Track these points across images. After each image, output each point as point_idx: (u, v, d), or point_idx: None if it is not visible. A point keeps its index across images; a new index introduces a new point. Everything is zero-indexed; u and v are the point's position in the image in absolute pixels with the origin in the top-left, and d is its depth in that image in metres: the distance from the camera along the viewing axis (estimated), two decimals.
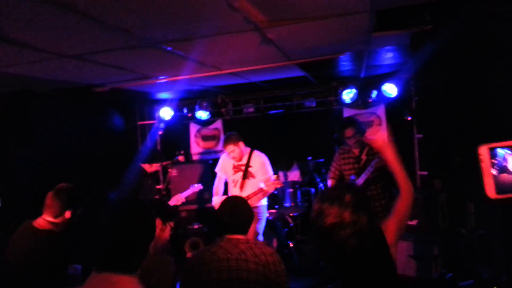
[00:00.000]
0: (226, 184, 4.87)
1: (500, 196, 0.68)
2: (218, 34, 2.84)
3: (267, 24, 2.69)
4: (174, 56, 3.40)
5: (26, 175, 4.44)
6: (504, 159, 0.71)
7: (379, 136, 2.12)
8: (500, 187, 0.69)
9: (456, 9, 2.62)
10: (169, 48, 3.13)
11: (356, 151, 4.29)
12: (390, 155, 2.19)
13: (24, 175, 4.42)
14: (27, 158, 4.50)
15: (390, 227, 2.12)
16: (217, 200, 4.67)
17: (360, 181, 4.12)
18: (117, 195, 4.88)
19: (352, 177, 4.27)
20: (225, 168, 4.77)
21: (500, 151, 0.70)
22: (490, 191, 0.68)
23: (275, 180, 4.18)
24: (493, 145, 0.71)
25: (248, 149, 4.65)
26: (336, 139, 6.22)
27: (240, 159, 4.57)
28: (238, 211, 2.39)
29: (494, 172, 0.70)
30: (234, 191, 4.63)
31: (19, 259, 2.63)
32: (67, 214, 2.77)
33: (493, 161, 0.70)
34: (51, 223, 2.71)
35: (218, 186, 4.83)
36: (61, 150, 4.90)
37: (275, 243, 5.62)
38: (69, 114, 5.08)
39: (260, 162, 4.55)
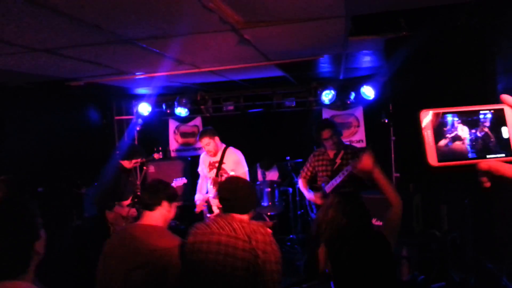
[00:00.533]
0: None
1: (442, 164, 0.68)
2: (194, 33, 2.80)
3: (244, 25, 2.66)
4: (150, 53, 3.35)
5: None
6: (453, 126, 0.70)
7: (364, 160, 2.17)
8: (443, 154, 0.68)
9: (430, 18, 2.66)
10: (144, 45, 3.08)
11: (331, 153, 4.30)
12: (378, 175, 2.46)
13: None
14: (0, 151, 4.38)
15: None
16: (198, 197, 4.68)
17: (329, 187, 4.14)
18: (94, 192, 4.80)
19: (323, 184, 4.30)
20: (202, 166, 4.76)
21: (449, 118, 0.70)
22: (432, 158, 0.68)
23: (232, 175, 4.19)
24: (436, 110, 0.70)
25: (223, 146, 4.62)
26: (315, 140, 6.27)
27: (215, 154, 4.53)
28: (237, 190, 2.46)
29: (445, 139, 0.69)
30: (210, 188, 4.62)
31: None
32: None
33: (444, 128, 0.69)
34: None
35: (200, 185, 4.82)
36: (34, 144, 4.78)
37: None
38: (42, 108, 4.95)
39: (233, 159, 4.52)
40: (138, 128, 7.03)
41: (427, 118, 0.72)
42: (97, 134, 6.45)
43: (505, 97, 0.73)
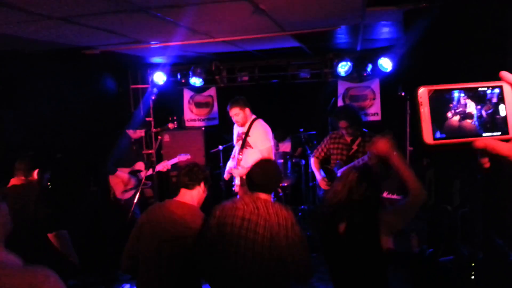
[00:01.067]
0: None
1: (437, 142, 0.68)
2: (208, 3, 2.77)
3: None
4: (165, 22, 3.33)
5: (13, 136, 4.43)
6: (451, 103, 0.70)
7: (380, 144, 2.13)
8: (440, 132, 0.68)
9: None
10: (158, 14, 3.06)
11: (348, 138, 4.30)
12: (397, 161, 2.31)
13: (10, 136, 4.41)
14: (13, 119, 4.47)
15: (388, 219, 2.26)
16: (229, 165, 4.74)
17: (341, 170, 4.16)
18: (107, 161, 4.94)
19: (338, 161, 4.31)
20: (234, 136, 4.73)
21: (447, 96, 0.69)
22: (428, 136, 0.67)
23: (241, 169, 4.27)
24: (432, 87, 0.69)
25: (253, 117, 4.53)
26: (329, 112, 6.23)
27: (243, 125, 4.46)
28: (268, 175, 2.63)
29: (442, 117, 0.69)
30: (235, 157, 4.60)
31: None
32: (35, 174, 3.11)
33: (441, 105, 0.68)
34: (23, 180, 3.02)
35: (234, 152, 4.78)
36: (49, 112, 4.87)
37: None
38: (57, 76, 4.99)
39: (259, 132, 4.42)
40: (153, 97, 7.06)
41: (424, 94, 0.71)
42: (113, 102, 6.52)
43: (504, 74, 0.71)
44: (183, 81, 6.71)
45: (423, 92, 0.71)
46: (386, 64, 5.54)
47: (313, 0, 2.79)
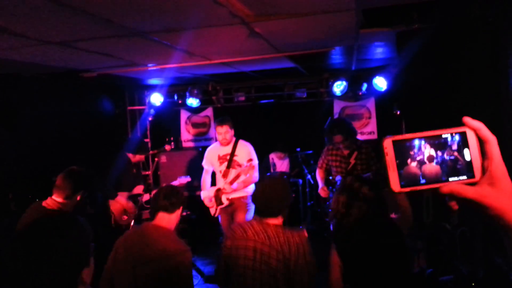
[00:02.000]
0: (214, 175, 4.86)
1: (404, 189, 0.70)
2: (204, 27, 2.82)
3: (254, 19, 2.67)
4: (162, 45, 3.37)
5: (12, 158, 4.42)
6: (417, 151, 0.72)
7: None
8: (405, 180, 0.71)
9: (443, 10, 2.62)
10: (155, 38, 3.10)
11: (345, 151, 4.32)
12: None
13: (9, 158, 4.40)
14: (13, 141, 4.47)
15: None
16: (204, 194, 4.61)
17: None
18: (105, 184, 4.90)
19: (338, 177, 4.32)
20: (211, 160, 4.71)
21: (412, 143, 0.72)
22: (395, 184, 0.70)
23: (247, 165, 4.23)
24: (396, 137, 0.72)
25: (234, 139, 4.61)
26: (325, 131, 6.26)
27: (227, 144, 4.52)
28: (270, 194, 2.43)
29: (408, 165, 0.71)
30: (220, 180, 4.61)
31: (31, 240, 2.66)
32: (78, 197, 2.77)
33: (407, 154, 0.71)
34: (60, 203, 2.69)
35: (204, 180, 4.77)
36: (47, 133, 4.87)
37: None
38: (55, 98, 5.03)
39: (246, 151, 4.51)
40: (150, 119, 7.10)
41: (388, 144, 0.73)
42: (110, 124, 6.54)
43: (467, 119, 0.73)
44: (180, 102, 6.74)
45: (387, 142, 0.73)
46: (380, 83, 5.60)
47: (307, 23, 2.84)
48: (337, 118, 6.00)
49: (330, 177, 4.61)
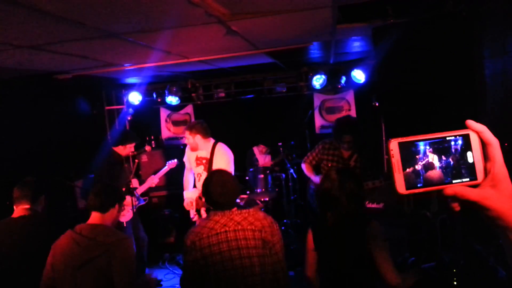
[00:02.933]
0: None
1: (409, 191, 0.72)
2: (180, 27, 2.78)
3: (230, 17, 2.64)
4: (138, 45, 3.31)
5: None
6: (420, 153, 0.74)
7: None
8: (410, 182, 0.73)
9: (417, 5, 2.65)
10: (130, 39, 3.04)
11: (345, 153, 4.29)
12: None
13: None
14: None
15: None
16: (187, 195, 4.47)
17: None
18: (92, 183, 4.78)
19: None
20: (189, 158, 4.55)
21: (417, 146, 0.74)
22: (400, 186, 0.72)
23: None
24: (401, 139, 0.73)
25: (212, 141, 4.35)
26: (306, 124, 6.30)
27: (195, 150, 4.35)
28: (226, 188, 2.47)
29: (412, 167, 0.73)
30: (198, 184, 4.43)
31: (8, 251, 2.70)
32: (42, 199, 2.96)
33: (411, 156, 0.73)
34: (29, 209, 2.81)
35: (187, 178, 4.62)
36: (23, 138, 4.74)
37: None
38: (30, 102, 4.88)
39: (223, 158, 4.24)
40: (129, 118, 6.99)
41: (394, 146, 0.73)
42: (88, 125, 6.40)
43: (470, 122, 0.75)
44: (159, 100, 6.66)
45: (393, 144, 0.74)
46: (359, 75, 5.65)
47: (284, 21, 2.83)
48: (348, 116, 5.91)
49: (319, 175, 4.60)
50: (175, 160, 5.24)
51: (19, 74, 4.27)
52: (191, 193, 4.51)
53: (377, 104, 6.09)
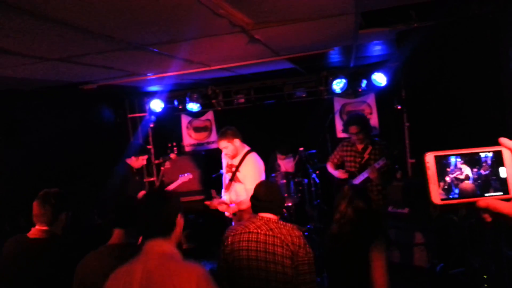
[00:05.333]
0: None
1: (444, 202, 0.76)
2: (204, 37, 2.82)
3: (253, 26, 2.66)
4: (161, 56, 3.37)
5: (16, 175, 4.42)
6: (455, 167, 0.77)
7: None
8: (446, 193, 0.77)
9: (442, 8, 2.62)
10: (155, 50, 3.10)
11: (359, 146, 4.37)
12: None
13: (14, 175, 4.40)
14: (16, 158, 4.47)
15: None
16: (224, 198, 4.38)
17: (357, 180, 4.22)
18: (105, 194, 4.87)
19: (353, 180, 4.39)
20: (223, 164, 4.52)
21: (451, 159, 0.77)
22: (436, 197, 0.75)
23: (234, 206, 4.13)
24: (438, 153, 0.77)
25: (246, 149, 4.22)
26: (327, 128, 6.27)
27: (234, 157, 4.19)
28: (273, 192, 2.65)
29: (447, 179, 0.77)
30: (222, 192, 4.43)
31: (15, 274, 2.48)
32: (62, 218, 2.67)
33: (447, 169, 0.77)
34: (46, 231, 2.58)
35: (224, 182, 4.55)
36: (50, 147, 4.87)
37: None
38: (56, 111, 5.03)
39: (250, 169, 4.08)
40: (151, 125, 7.10)
41: (430, 159, 0.78)
42: (112, 132, 6.54)
43: (503, 140, 0.79)
44: (180, 107, 6.75)
45: (430, 157, 0.78)
46: (380, 78, 5.60)
47: (307, 28, 2.84)
48: (356, 113, 5.99)
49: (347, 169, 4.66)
50: (189, 174, 5.30)
51: (46, 85, 4.40)
52: (223, 197, 4.48)
53: (399, 107, 6.03)
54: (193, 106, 6.48)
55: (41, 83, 4.19)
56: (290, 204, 5.92)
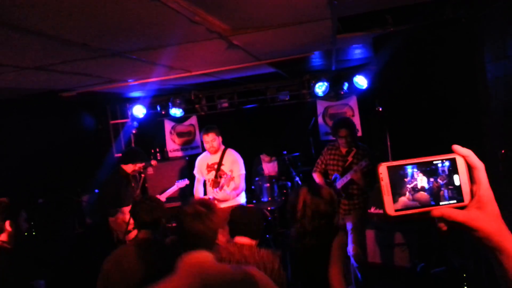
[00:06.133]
0: (205, 185, 4.85)
1: (398, 213, 0.75)
2: (182, 43, 2.81)
3: (231, 33, 2.67)
4: (141, 62, 3.35)
5: None
6: (409, 177, 0.77)
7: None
8: (399, 204, 0.76)
9: (417, 13, 2.67)
10: (133, 57, 3.08)
11: (343, 150, 4.39)
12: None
13: None
14: None
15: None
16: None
17: (340, 183, 4.22)
18: (95, 199, 4.79)
19: (335, 174, 4.37)
20: (201, 168, 4.74)
21: (405, 169, 0.76)
22: (389, 208, 0.74)
23: (227, 177, 4.35)
24: (390, 163, 0.76)
25: (223, 147, 4.65)
26: (310, 131, 6.30)
27: (216, 152, 4.57)
28: (249, 215, 2.59)
29: (401, 190, 0.76)
30: (209, 190, 4.63)
31: None
32: (7, 227, 2.51)
33: (400, 179, 0.76)
34: None
35: (197, 189, 4.81)
36: (30, 156, 4.78)
37: None
38: (35, 119, 4.94)
39: (232, 159, 4.56)
40: (134, 131, 7.03)
41: (383, 170, 0.76)
42: (93, 139, 6.46)
43: (456, 147, 0.78)
44: (163, 112, 6.71)
45: (382, 168, 0.76)
46: (361, 81, 5.66)
47: (285, 33, 2.85)
48: (344, 117, 6.04)
49: (328, 180, 4.64)
50: (186, 179, 5.26)
51: (24, 93, 4.32)
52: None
53: (380, 109, 6.10)
54: (176, 112, 6.45)
55: (19, 91, 4.12)
56: (274, 207, 5.93)
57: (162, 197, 4.96)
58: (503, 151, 2.65)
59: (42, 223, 4.70)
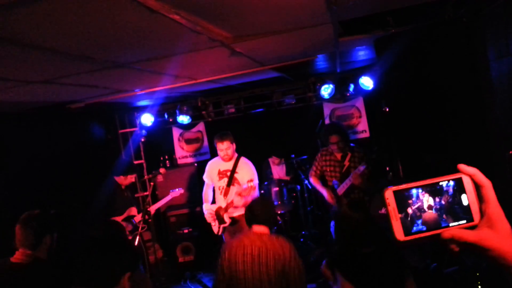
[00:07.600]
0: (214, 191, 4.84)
1: (408, 238, 0.73)
2: (185, 53, 2.85)
3: (233, 40, 2.70)
4: (146, 72, 3.40)
5: (5, 197, 4.40)
6: (416, 199, 0.75)
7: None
8: (408, 228, 0.74)
9: (418, 14, 2.67)
10: (138, 67, 3.13)
11: (338, 155, 4.35)
12: None
13: (2, 198, 4.37)
14: (4, 180, 4.45)
15: None
16: (206, 207, 4.54)
17: (341, 189, 4.21)
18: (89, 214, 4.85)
19: (334, 181, 4.34)
20: (211, 174, 4.65)
21: (412, 192, 0.75)
22: (399, 233, 0.72)
23: (248, 186, 4.12)
24: (396, 188, 0.74)
25: (236, 155, 4.56)
26: (318, 134, 6.30)
27: (230, 159, 4.45)
28: (267, 206, 2.89)
29: (409, 213, 0.74)
30: (219, 198, 4.55)
31: None
32: (47, 241, 2.55)
33: (407, 202, 0.74)
34: (30, 255, 2.47)
35: (206, 193, 4.70)
36: (39, 168, 4.84)
37: None
38: (44, 131, 5.00)
39: (247, 169, 4.43)
40: (142, 139, 7.09)
41: (390, 195, 0.74)
42: (103, 149, 6.53)
43: (461, 166, 0.76)
44: (170, 120, 6.76)
45: (388, 193, 0.75)
46: (367, 82, 5.65)
47: (286, 39, 2.87)
48: (332, 122, 6.06)
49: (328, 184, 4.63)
50: (180, 189, 5.33)
51: (32, 106, 4.40)
52: (209, 205, 4.55)
53: (387, 109, 6.07)
54: (184, 119, 6.50)
55: (27, 105, 4.20)
56: (284, 211, 5.93)
57: (154, 208, 5.06)
58: (511, 152, 2.63)
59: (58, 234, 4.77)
